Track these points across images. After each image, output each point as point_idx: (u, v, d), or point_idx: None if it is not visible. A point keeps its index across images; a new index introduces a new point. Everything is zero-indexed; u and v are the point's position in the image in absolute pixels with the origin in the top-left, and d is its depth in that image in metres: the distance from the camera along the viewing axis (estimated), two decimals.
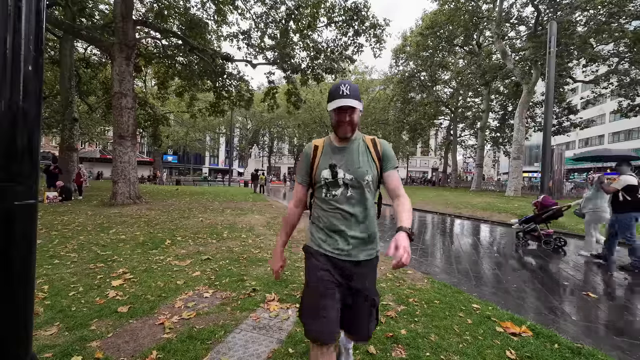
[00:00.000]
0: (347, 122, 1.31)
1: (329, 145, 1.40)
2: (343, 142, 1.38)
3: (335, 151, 1.37)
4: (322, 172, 1.35)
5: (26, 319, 1.00)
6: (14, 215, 0.93)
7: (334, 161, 1.34)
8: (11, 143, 0.91)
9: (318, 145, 1.42)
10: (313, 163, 1.39)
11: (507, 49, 19.33)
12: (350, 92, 1.27)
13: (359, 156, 1.35)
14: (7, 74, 0.89)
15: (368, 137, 1.42)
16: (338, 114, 1.31)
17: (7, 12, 0.88)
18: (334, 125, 1.35)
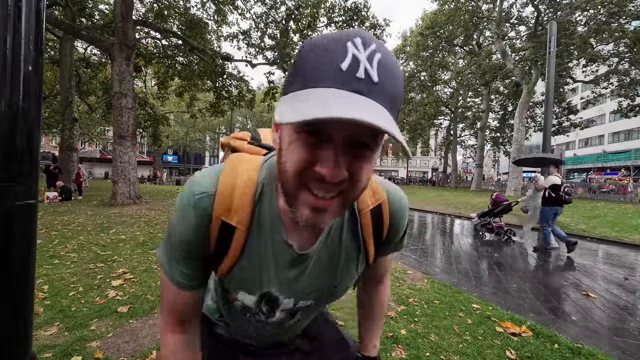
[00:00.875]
0: (335, 184, 0.39)
1: (270, 231, 0.53)
2: (307, 237, 0.54)
3: (284, 259, 0.55)
4: (241, 296, 0.58)
5: (26, 319, 1.00)
6: (14, 215, 0.93)
7: (272, 285, 0.56)
8: (11, 143, 0.91)
9: (230, 215, 0.51)
10: (216, 261, 0.55)
11: (507, 49, 19.33)
12: (381, 83, 0.36)
13: (335, 267, 0.59)
14: (7, 74, 0.89)
15: (368, 200, 0.58)
16: (315, 146, 0.38)
17: (7, 12, 0.88)
18: (288, 182, 0.42)
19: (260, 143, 0.72)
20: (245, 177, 0.52)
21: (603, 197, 18.15)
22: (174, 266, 0.54)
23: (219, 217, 0.50)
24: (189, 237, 0.51)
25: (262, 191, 0.52)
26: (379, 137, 0.39)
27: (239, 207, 0.51)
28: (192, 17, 12.06)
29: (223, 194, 0.51)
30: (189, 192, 0.51)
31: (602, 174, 35.13)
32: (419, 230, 7.59)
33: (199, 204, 0.50)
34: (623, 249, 5.97)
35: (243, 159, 0.56)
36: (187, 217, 0.51)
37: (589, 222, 8.49)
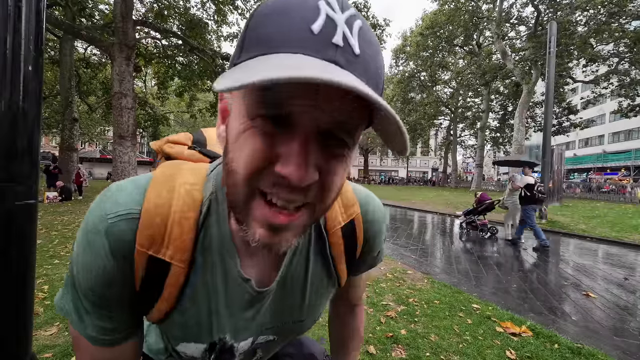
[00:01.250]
0: (301, 189, 0.29)
1: (220, 263, 0.41)
2: (267, 266, 0.44)
3: (240, 298, 0.43)
4: (184, 347, 0.45)
5: (26, 319, 1.00)
6: (14, 215, 0.93)
7: (225, 331, 0.44)
8: (11, 143, 0.91)
9: (162, 247, 0.37)
10: (145, 305, 0.41)
11: (507, 49, 19.33)
12: (363, 56, 0.28)
13: (301, 300, 0.49)
14: (7, 74, 0.89)
15: (338, 215, 0.48)
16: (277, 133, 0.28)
17: (7, 12, 0.88)
18: (236, 188, 0.31)
19: (204, 149, 0.54)
20: (183, 192, 0.38)
21: (603, 197, 18.17)
22: (84, 318, 0.38)
23: (145, 251, 0.36)
24: (100, 278, 0.36)
25: (208, 211, 0.39)
26: (358, 130, 0.30)
27: (175, 236, 0.37)
28: (192, 17, 12.06)
29: (151, 218, 0.36)
30: (99, 211, 0.36)
31: (602, 174, 35.13)
32: (419, 230, 7.59)
33: (112, 231, 0.35)
34: (623, 249, 5.97)
35: (181, 167, 0.42)
36: (94, 249, 0.35)
37: (589, 222, 8.49)
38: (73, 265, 0.38)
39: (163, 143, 0.55)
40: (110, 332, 0.40)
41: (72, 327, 0.40)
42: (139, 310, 0.41)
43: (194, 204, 0.38)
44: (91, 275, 0.36)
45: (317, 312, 0.52)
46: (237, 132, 0.30)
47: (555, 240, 6.80)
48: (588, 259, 5.14)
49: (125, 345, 0.42)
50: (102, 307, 0.38)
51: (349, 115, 0.28)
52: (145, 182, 0.38)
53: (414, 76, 27.48)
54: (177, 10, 12.28)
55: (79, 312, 0.39)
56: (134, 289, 0.38)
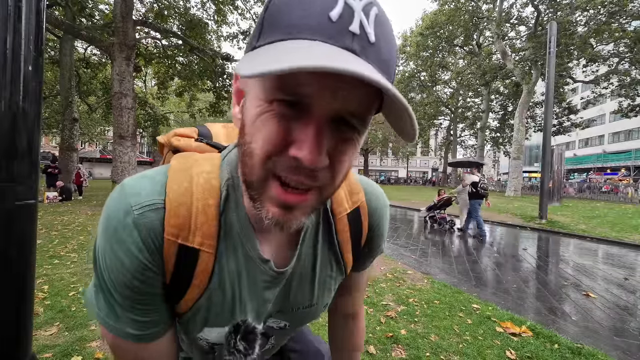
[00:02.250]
0: (313, 172, 0.31)
1: (241, 245, 0.42)
2: (283, 247, 0.46)
3: (260, 279, 0.45)
4: (207, 333, 0.46)
5: (26, 319, 1.00)
6: (14, 215, 0.93)
7: (247, 313, 0.46)
8: (11, 143, 0.91)
9: (189, 235, 0.39)
10: (175, 295, 0.42)
11: (507, 49, 19.33)
12: (378, 45, 0.29)
13: (312, 283, 0.50)
14: (7, 74, 0.89)
15: (344, 202, 0.49)
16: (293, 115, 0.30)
17: (7, 12, 0.88)
18: (253, 170, 0.33)
19: (210, 141, 0.55)
20: (202, 181, 0.40)
21: (603, 197, 18.18)
22: (121, 317, 0.39)
23: (174, 240, 0.37)
24: (132, 272, 0.36)
25: (227, 197, 0.41)
26: (368, 116, 0.32)
27: (201, 223, 0.38)
28: (192, 17, 12.06)
29: (176, 207, 0.37)
30: (122, 205, 0.36)
31: (602, 174, 35.13)
32: (419, 230, 7.59)
33: (141, 222, 0.35)
34: (623, 249, 5.97)
35: (194, 158, 0.43)
36: (124, 244, 0.35)
37: (589, 222, 8.49)
38: (101, 266, 0.38)
39: (171, 136, 0.56)
40: (150, 326, 0.41)
41: (109, 331, 0.40)
42: (171, 301, 0.42)
43: (213, 191, 0.40)
44: (124, 270, 0.36)
45: (326, 299, 0.53)
46: (254, 114, 0.31)
47: (555, 240, 6.80)
48: (588, 259, 5.14)
49: (165, 338, 0.43)
50: (139, 302, 0.39)
51: (361, 101, 0.29)
52: (162, 174, 0.39)
53: (414, 76, 27.49)
54: (177, 10, 12.28)
55: (115, 312, 0.39)
56: (165, 282, 0.40)
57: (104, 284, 0.38)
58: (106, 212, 0.37)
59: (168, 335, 0.44)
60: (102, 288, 0.39)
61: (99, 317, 0.40)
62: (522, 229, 8.05)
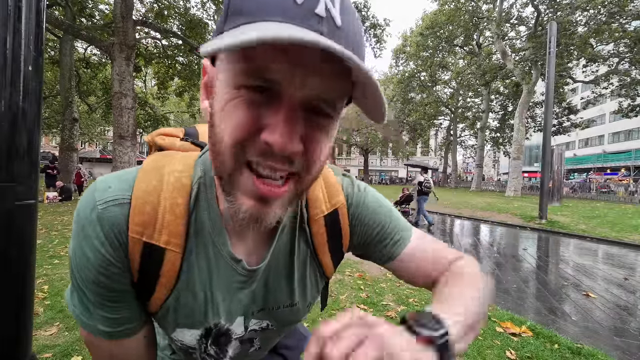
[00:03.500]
0: (286, 159, 0.31)
1: (211, 244, 0.41)
2: (256, 245, 0.45)
3: (232, 279, 0.43)
4: (179, 334, 0.44)
5: (26, 319, 1.00)
6: (14, 215, 0.93)
7: (220, 314, 0.44)
8: (11, 143, 0.91)
9: (155, 233, 0.38)
10: (143, 294, 0.41)
11: (507, 49, 19.33)
12: (345, 29, 0.29)
13: (290, 282, 0.48)
14: (7, 74, 0.89)
15: (322, 204, 0.48)
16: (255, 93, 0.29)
17: (7, 12, 0.88)
18: (223, 158, 0.32)
19: (196, 140, 0.54)
20: (172, 179, 0.39)
21: (603, 197, 18.19)
22: (93, 313, 0.39)
23: (139, 238, 0.36)
24: (97, 267, 0.36)
25: (198, 194, 0.40)
26: (340, 101, 0.31)
27: (168, 222, 0.37)
28: (192, 17, 12.06)
29: (141, 205, 0.37)
30: (88, 202, 0.37)
31: (602, 174, 35.14)
32: None
33: (104, 216, 0.36)
34: (623, 249, 5.97)
35: (169, 156, 0.43)
36: (89, 239, 0.36)
37: (589, 222, 8.49)
38: (73, 262, 0.38)
39: (156, 135, 0.55)
40: (122, 322, 0.40)
41: (84, 329, 0.40)
42: (142, 299, 0.41)
43: (183, 190, 0.39)
44: (90, 265, 0.36)
45: (308, 299, 0.51)
46: (222, 102, 0.30)
47: (555, 240, 6.80)
48: (588, 259, 5.14)
49: (140, 335, 0.43)
50: (108, 298, 0.38)
51: (332, 86, 0.29)
52: (133, 173, 0.39)
53: (414, 76, 27.48)
54: (177, 10, 12.28)
55: (87, 308, 0.39)
56: (132, 279, 0.39)
57: (76, 281, 0.38)
58: (77, 210, 0.38)
59: (142, 332, 0.43)
60: (74, 285, 0.39)
61: (74, 314, 0.40)
62: (522, 229, 8.05)
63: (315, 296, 0.53)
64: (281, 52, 0.26)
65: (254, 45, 0.21)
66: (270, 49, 0.26)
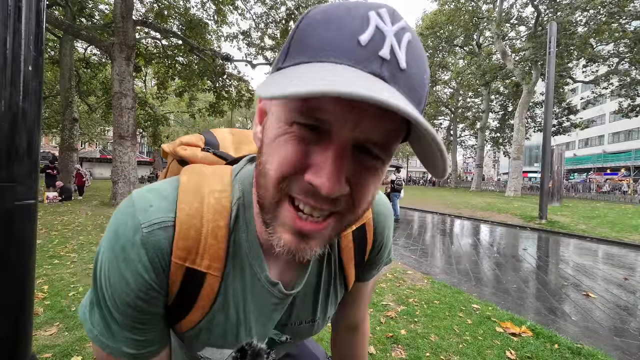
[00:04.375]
0: (330, 200, 0.30)
1: (249, 268, 0.41)
2: (292, 268, 0.45)
3: (268, 302, 0.44)
4: (208, 353, 0.45)
5: (26, 319, 1.00)
6: (14, 215, 0.93)
7: (253, 335, 0.45)
8: (11, 143, 0.91)
9: (197, 258, 0.37)
10: (176, 316, 0.41)
11: (507, 49, 19.33)
12: (409, 72, 0.27)
13: (315, 299, 0.49)
14: (7, 74, 0.89)
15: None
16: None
17: (7, 12, 0.88)
18: (266, 191, 0.32)
19: (217, 151, 0.54)
20: (213, 201, 0.38)
21: (603, 197, 18.20)
22: (117, 335, 0.37)
23: (182, 263, 0.36)
24: (137, 291, 0.35)
25: (237, 215, 0.39)
26: (393, 145, 0.30)
27: (209, 246, 0.37)
28: (192, 17, 12.06)
29: (185, 230, 0.36)
30: (131, 222, 0.35)
31: (602, 174, 35.13)
32: (419, 231, 7.60)
33: (149, 240, 0.34)
34: (623, 249, 5.98)
35: (204, 173, 0.41)
36: (131, 262, 0.34)
37: (589, 222, 8.49)
38: (102, 281, 0.36)
39: (177, 145, 0.55)
40: (146, 345, 0.39)
41: (102, 349, 0.38)
42: (170, 321, 0.41)
43: (224, 212, 0.38)
44: (129, 290, 0.35)
45: (328, 313, 0.52)
46: (273, 135, 0.30)
47: (555, 240, 6.81)
48: (588, 259, 5.14)
49: (160, 356, 0.42)
50: (139, 321, 0.37)
51: (386, 131, 0.28)
52: (172, 190, 0.38)
53: None
54: (177, 10, 12.28)
55: (110, 329, 0.37)
56: (167, 300, 0.39)
57: (103, 302, 0.37)
58: (114, 228, 0.36)
59: (163, 354, 0.42)
60: (100, 305, 0.37)
61: (91, 334, 0.38)
62: (522, 229, 8.05)
63: (334, 309, 0.53)
64: (337, 97, 0.24)
65: (308, 97, 0.21)
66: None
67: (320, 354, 0.74)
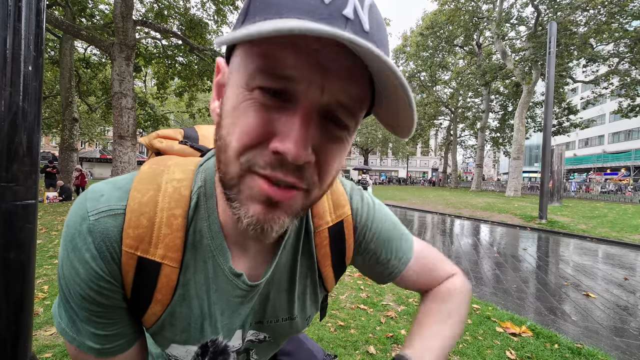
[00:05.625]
0: (296, 169, 0.29)
1: (211, 258, 0.39)
2: (258, 258, 0.43)
3: (232, 294, 0.41)
4: (174, 350, 0.42)
5: (26, 319, 1.00)
6: (14, 215, 0.93)
7: (217, 331, 0.42)
8: (11, 143, 0.91)
9: (151, 247, 0.36)
10: (137, 310, 0.39)
11: (507, 49, 19.34)
12: (372, 35, 0.26)
13: (291, 296, 0.47)
14: (7, 74, 0.89)
15: (327, 215, 0.46)
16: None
17: (7, 12, 0.88)
18: (228, 164, 0.30)
19: (195, 144, 0.52)
20: (171, 190, 0.37)
21: (603, 197, 18.20)
22: (81, 330, 0.36)
23: (133, 252, 0.34)
24: (86, 281, 0.34)
25: (197, 205, 0.38)
26: (359, 111, 0.29)
27: (164, 235, 0.35)
28: (192, 17, 12.06)
29: (136, 217, 0.34)
30: (80, 211, 0.34)
31: (602, 174, 35.13)
32: (419, 231, 7.60)
33: (96, 229, 0.33)
34: (623, 249, 5.97)
35: (167, 163, 0.40)
36: (79, 252, 0.33)
37: (589, 222, 8.49)
38: (60, 274, 0.36)
39: (153, 137, 0.53)
40: (112, 340, 0.38)
41: (71, 344, 0.38)
42: (135, 315, 0.39)
43: (182, 201, 0.37)
44: (79, 279, 0.34)
45: (308, 312, 0.50)
46: (233, 104, 0.28)
47: (555, 240, 6.80)
48: (588, 259, 5.14)
49: (130, 352, 0.40)
50: (97, 314, 0.36)
51: (352, 92, 0.27)
52: (127, 181, 0.37)
53: (414, 76, 27.50)
54: (177, 10, 12.28)
55: (75, 324, 0.36)
56: (125, 295, 0.37)
57: (63, 294, 0.36)
58: (66, 220, 0.35)
59: (134, 349, 0.41)
60: (62, 298, 0.37)
61: (59, 328, 0.38)
62: (522, 229, 8.05)
63: (314, 309, 0.51)
64: (300, 51, 0.24)
65: (269, 36, 0.19)
66: (290, 45, 0.24)
67: (319, 352, 0.73)
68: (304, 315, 0.49)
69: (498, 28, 18.64)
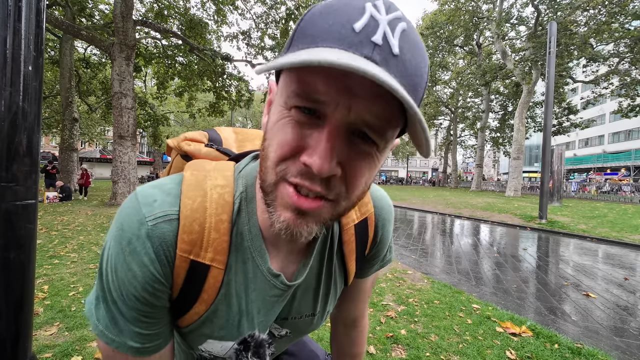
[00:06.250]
0: (324, 181, 0.31)
1: (251, 259, 0.42)
2: (293, 259, 0.46)
3: (270, 293, 0.44)
4: (209, 346, 0.45)
5: (26, 319, 1.00)
6: (14, 215, 0.93)
7: (255, 326, 0.45)
8: (11, 143, 0.91)
9: (202, 251, 0.38)
10: (180, 309, 0.41)
11: (507, 49, 19.34)
12: (402, 58, 0.28)
13: (316, 294, 0.50)
14: (7, 74, 0.89)
15: (353, 213, 0.49)
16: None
17: (7, 12, 0.88)
18: (266, 173, 0.34)
19: (220, 147, 0.55)
20: (216, 196, 0.39)
21: (603, 197, 18.20)
22: (122, 328, 0.37)
23: (186, 256, 0.37)
24: (143, 284, 0.36)
25: (240, 209, 0.41)
26: (388, 131, 0.30)
27: (213, 239, 0.38)
28: (192, 17, 12.06)
29: (189, 223, 0.37)
30: (136, 216, 0.36)
31: (602, 174, 35.12)
32: (419, 231, 7.59)
33: (155, 234, 0.35)
34: (623, 249, 5.97)
35: (207, 168, 0.42)
36: (137, 255, 0.35)
37: (589, 222, 8.49)
38: (109, 276, 0.37)
39: (181, 140, 0.56)
40: (152, 339, 0.40)
41: (107, 344, 0.38)
42: (175, 315, 0.42)
43: (226, 207, 0.40)
44: (135, 282, 0.35)
45: (328, 307, 0.53)
46: (274, 120, 0.32)
47: (555, 240, 6.80)
48: (588, 259, 5.14)
49: (164, 351, 0.42)
50: (145, 314, 0.38)
51: (379, 113, 0.29)
52: (174, 186, 0.39)
53: None
54: (177, 10, 12.28)
55: (117, 325, 0.37)
56: (171, 295, 0.39)
57: (110, 296, 0.37)
58: (119, 223, 0.37)
59: (167, 347, 0.43)
60: (105, 300, 0.38)
61: (96, 329, 0.39)
62: (522, 229, 8.05)
63: (333, 304, 0.54)
64: (330, 76, 0.27)
65: (297, 66, 0.23)
66: (321, 72, 0.27)
67: (320, 352, 0.75)
68: (324, 311, 0.52)
69: (498, 28, 18.64)
